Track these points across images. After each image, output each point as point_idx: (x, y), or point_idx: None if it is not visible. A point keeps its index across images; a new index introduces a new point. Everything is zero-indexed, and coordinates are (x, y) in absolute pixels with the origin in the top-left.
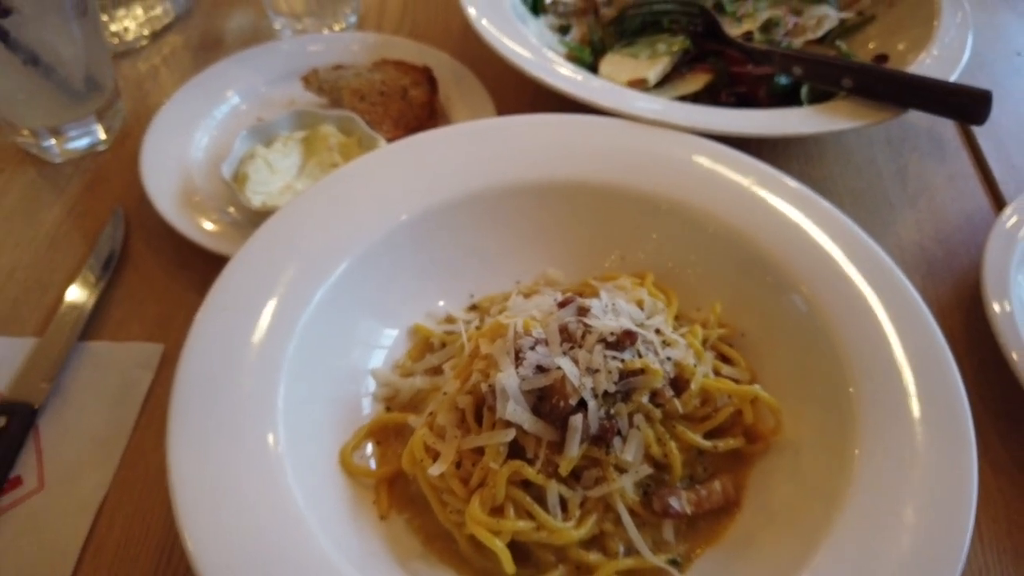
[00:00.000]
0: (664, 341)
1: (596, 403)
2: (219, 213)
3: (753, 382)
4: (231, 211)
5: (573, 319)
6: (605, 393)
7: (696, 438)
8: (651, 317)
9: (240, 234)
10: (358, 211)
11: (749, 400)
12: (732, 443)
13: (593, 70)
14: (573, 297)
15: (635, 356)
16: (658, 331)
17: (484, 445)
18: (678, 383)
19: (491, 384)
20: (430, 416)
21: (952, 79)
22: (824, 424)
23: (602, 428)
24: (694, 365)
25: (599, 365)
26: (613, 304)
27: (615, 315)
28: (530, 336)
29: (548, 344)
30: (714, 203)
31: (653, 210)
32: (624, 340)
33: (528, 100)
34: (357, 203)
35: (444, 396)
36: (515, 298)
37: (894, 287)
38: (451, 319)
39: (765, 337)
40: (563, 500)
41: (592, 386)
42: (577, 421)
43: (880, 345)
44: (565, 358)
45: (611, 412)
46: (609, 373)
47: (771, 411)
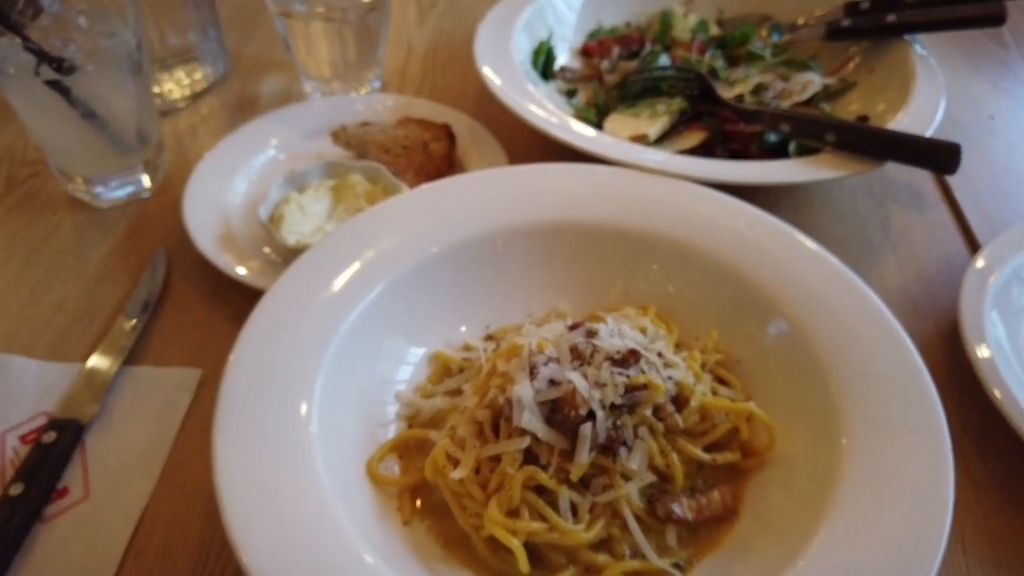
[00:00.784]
0: (665, 363)
1: (604, 413)
2: (255, 252)
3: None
4: (266, 251)
5: (582, 340)
6: (612, 405)
7: (696, 451)
8: (653, 342)
9: (274, 270)
10: (382, 247)
11: (745, 417)
12: (730, 457)
13: (598, 129)
14: (582, 322)
15: (639, 373)
16: (660, 354)
17: (501, 453)
18: (679, 400)
19: (508, 397)
20: (451, 429)
21: (927, 136)
22: (814, 443)
23: (609, 438)
24: (693, 384)
25: (606, 380)
26: (619, 329)
27: (620, 338)
28: (543, 354)
29: (560, 361)
30: (710, 241)
31: (653, 248)
32: (629, 358)
33: (537, 154)
34: (382, 240)
35: (464, 411)
36: (528, 326)
37: (878, 319)
38: (468, 347)
39: (759, 364)
40: (574, 506)
41: (600, 398)
42: (587, 430)
43: (865, 373)
44: (575, 373)
45: (617, 423)
46: (615, 387)
47: (765, 428)
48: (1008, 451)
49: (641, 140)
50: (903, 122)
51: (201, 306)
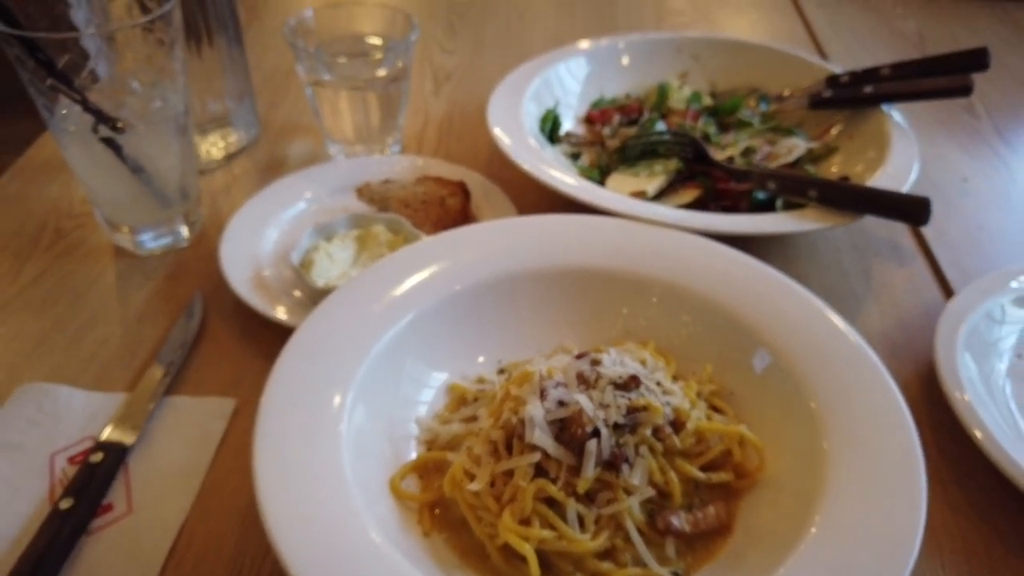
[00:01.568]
0: (664, 390)
1: (608, 432)
2: (286, 295)
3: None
4: (296, 293)
5: (588, 367)
6: (615, 425)
7: (693, 469)
8: (653, 372)
9: (303, 310)
10: (406, 286)
11: (737, 440)
12: (724, 476)
13: (601, 187)
14: (587, 352)
15: (639, 396)
16: (659, 383)
17: (514, 467)
18: (676, 423)
19: (520, 417)
20: (467, 449)
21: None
22: (800, 468)
23: (613, 455)
24: (689, 409)
25: (609, 401)
26: (621, 359)
27: (622, 366)
28: (552, 379)
29: (567, 385)
30: (704, 284)
31: (651, 291)
32: (630, 383)
33: (545, 209)
34: (405, 280)
35: (479, 432)
36: (537, 358)
37: (857, 354)
38: (482, 380)
39: (749, 394)
40: (580, 518)
41: (604, 418)
42: (592, 446)
43: (845, 401)
44: (582, 395)
45: (620, 442)
46: (618, 408)
47: (756, 451)
48: (984, 478)
49: (640, 196)
50: (880, 181)
51: (235, 343)
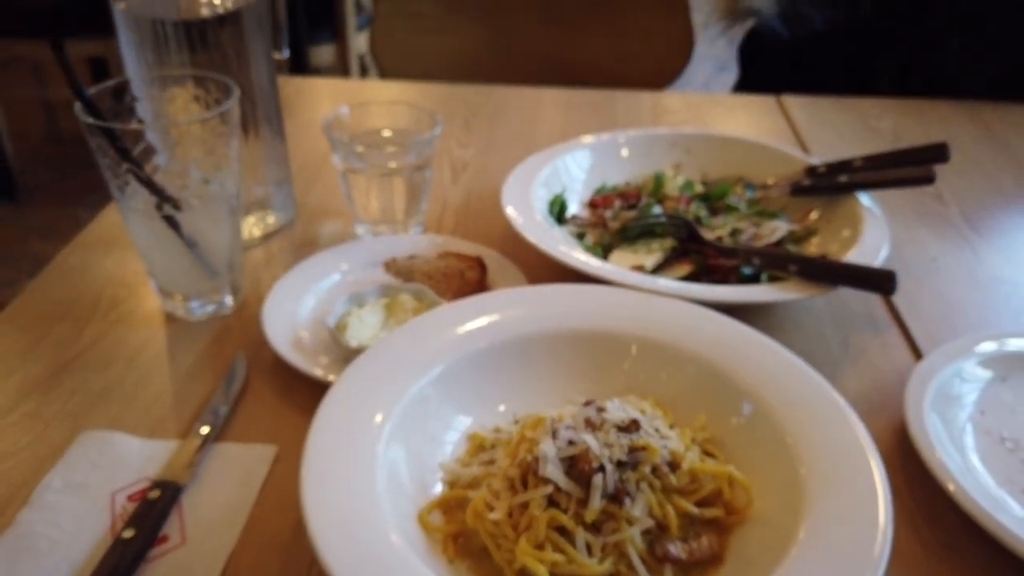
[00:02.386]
0: (662, 435)
1: (612, 468)
2: (321, 355)
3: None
4: (329, 355)
5: (594, 413)
6: (619, 462)
7: (688, 504)
8: (652, 420)
9: (338, 368)
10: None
11: (726, 480)
12: (715, 512)
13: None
14: (593, 400)
15: (640, 437)
16: (657, 429)
17: (529, 500)
18: (672, 464)
19: (535, 455)
20: (487, 485)
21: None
22: (783, 507)
23: (616, 489)
24: (684, 452)
25: (613, 441)
26: (623, 406)
27: (624, 412)
28: (563, 423)
29: (576, 428)
30: (697, 345)
31: (651, 351)
32: (631, 426)
33: (553, 282)
34: (430, 340)
35: (498, 471)
36: (547, 409)
37: (832, 405)
38: (499, 429)
39: (738, 441)
40: (588, 545)
41: (609, 455)
42: (598, 480)
43: (821, 449)
44: (589, 436)
45: (623, 478)
46: (621, 447)
47: (744, 490)
48: (953, 519)
49: (640, 270)
50: (853, 257)
51: (275, 398)
